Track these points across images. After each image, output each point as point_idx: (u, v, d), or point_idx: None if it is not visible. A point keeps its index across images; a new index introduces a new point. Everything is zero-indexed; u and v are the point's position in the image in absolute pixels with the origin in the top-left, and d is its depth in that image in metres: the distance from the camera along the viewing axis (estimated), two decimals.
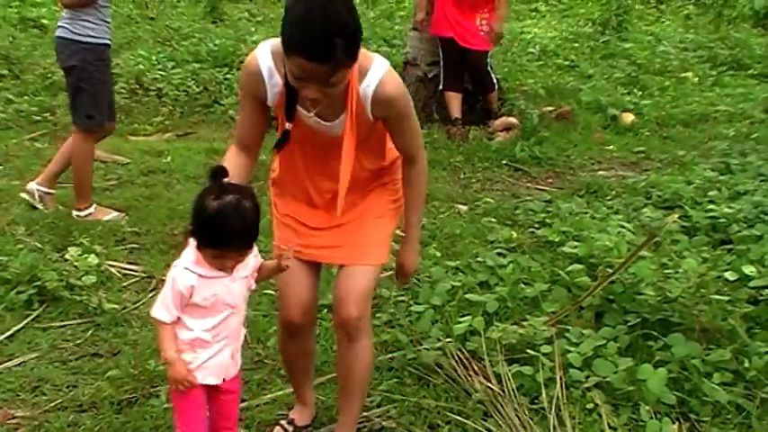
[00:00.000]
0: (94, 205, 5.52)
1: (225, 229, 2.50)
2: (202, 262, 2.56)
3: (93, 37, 5.22)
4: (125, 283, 4.61)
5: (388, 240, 3.09)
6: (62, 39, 5.25)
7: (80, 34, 5.19)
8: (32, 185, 5.55)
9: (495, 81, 7.84)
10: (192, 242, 2.56)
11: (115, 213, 5.52)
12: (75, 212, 5.44)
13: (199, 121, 8.01)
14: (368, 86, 2.65)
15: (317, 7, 2.40)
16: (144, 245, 5.14)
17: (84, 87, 5.27)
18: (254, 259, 2.69)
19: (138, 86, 8.22)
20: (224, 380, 2.70)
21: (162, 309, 2.57)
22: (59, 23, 5.29)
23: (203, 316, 2.61)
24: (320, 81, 2.47)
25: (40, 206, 5.50)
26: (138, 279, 4.68)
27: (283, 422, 3.24)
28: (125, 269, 4.77)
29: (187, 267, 2.56)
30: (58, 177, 5.61)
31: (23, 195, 5.56)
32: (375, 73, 2.65)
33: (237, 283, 2.63)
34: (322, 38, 2.38)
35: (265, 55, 2.70)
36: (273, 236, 3.03)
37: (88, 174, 5.46)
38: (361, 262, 2.96)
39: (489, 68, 7.74)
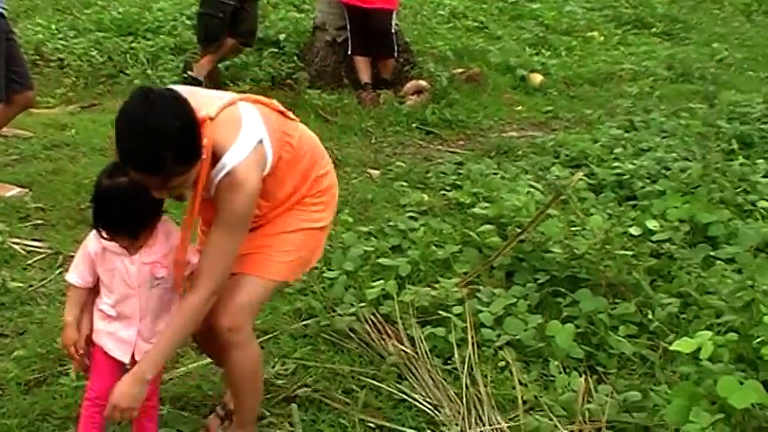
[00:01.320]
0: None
1: (106, 210, 2.50)
2: None
3: None
4: (30, 261, 4.48)
5: (289, 257, 2.86)
6: None
7: None
8: None
9: (395, 48, 7.73)
10: None
11: (17, 189, 5.35)
12: None
13: (104, 92, 7.77)
14: (219, 171, 2.54)
15: (139, 119, 2.37)
16: (49, 221, 5.00)
17: None
18: (163, 247, 2.64)
19: (38, 57, 7.92)
20: (133, 359, 2.67)
21: (73, 271, 2.63)
22: None
23: (107, 289, 2.62)
24: (157, 187, 2.45)
25: None
26: (43, 256, 4.56)
27: (218, 407, 3.13)
28: (30, 246, 4.64)
29: (97, 234, 2.56)
30: None
31: None
32: (230, 159, 2.53)
33: (136, 266, 2.59)
34: (148, 152, 2.35)
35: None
36: None
37: None
38: (248, 272, 2.78)
39: (393, 32, 7.66)
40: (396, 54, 7.78)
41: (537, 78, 8.42)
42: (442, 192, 5.45)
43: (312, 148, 2.96)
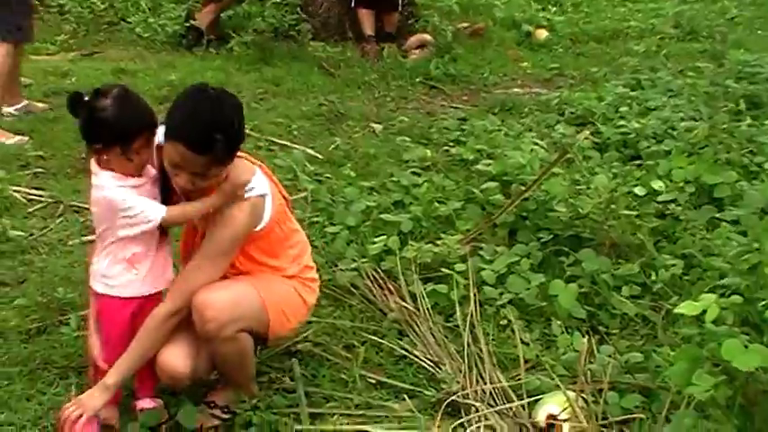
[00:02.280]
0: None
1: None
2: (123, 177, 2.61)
3: None
4: (30, 209, 4.47)
5: (284, 298, 2.86)
6: None
7: None
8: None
9: (398, 1, 7.65)
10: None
11: (18, 137, 5.31)
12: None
13: (105, 40, 7.71)
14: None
15: (206, 102, 2.58)
16: (49, 169, 4.99)
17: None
18: None
19: (38, 3, 7.77)
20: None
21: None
22: None
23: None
24: (194, 171, 2.54)
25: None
26: (44, 205, 4.54)
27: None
28: (30, 195, 4.63)
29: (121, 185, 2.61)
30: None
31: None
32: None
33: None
34: (205, 130, 2.51)
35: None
36: None
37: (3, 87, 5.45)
38: (248, 282, 2.80)
39: None
40: (399, 8, 7.69)
41: (542, 34, 8.34)
42: (445, 148, 5.40)
43: (305, 243, 3.05)
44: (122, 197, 2.60)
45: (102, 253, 2.72)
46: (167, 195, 2.73)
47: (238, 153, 2.71)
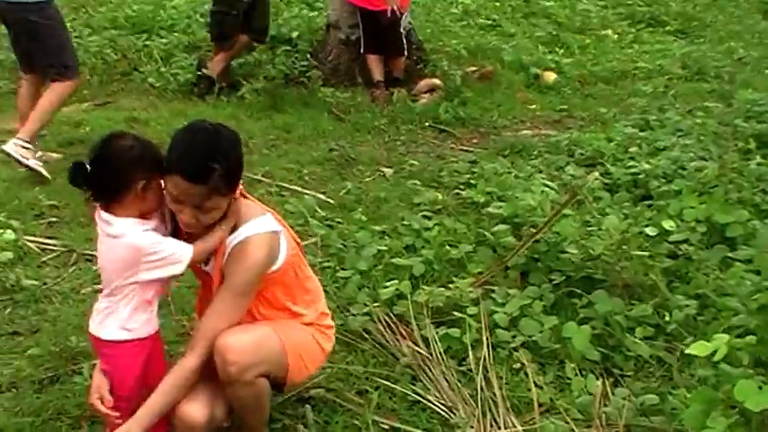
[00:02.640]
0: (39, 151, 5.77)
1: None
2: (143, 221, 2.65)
3: None
4: (44, 259, 4.51)
5: (303, 345, 2.89)
6: (16, 3, 5.43)
7: None
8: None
9: (405, 47, 7.70)
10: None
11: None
12: (13, 141, 5.51)
13: (118, 90, 7.79)
14: (233, 240, 2.71)
15: (203, 134, 2.62)
16: (63, 218, 5.03)
17: (53, 42, 5.55)
18: None
19: None
20: None
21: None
22: None
23: None
24: (195, 203, 2.57)
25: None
26: (57, 254, 4.57)
27: None
28: (44, 244, 4.66)
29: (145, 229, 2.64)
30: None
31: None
32: (245, 231, 2.71)
33: None
34: (202, 159, 2.54)
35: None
36: None
37: (49, 119, 5.80)
38: (270, 326, 2.83)
39: (402, 31, 7.61)
40: (405, 53, 7.76)
41: (550, 76, 8.38)
42: (456, 191, 5.41)
43: (319, 289, 3.10)
44: (150, 241, 2.61)
45: (120, 303, 2.70)
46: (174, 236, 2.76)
47: (249, 198, 2.74)
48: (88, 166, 2.60)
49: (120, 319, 2.71)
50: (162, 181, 2.66)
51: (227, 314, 2.70)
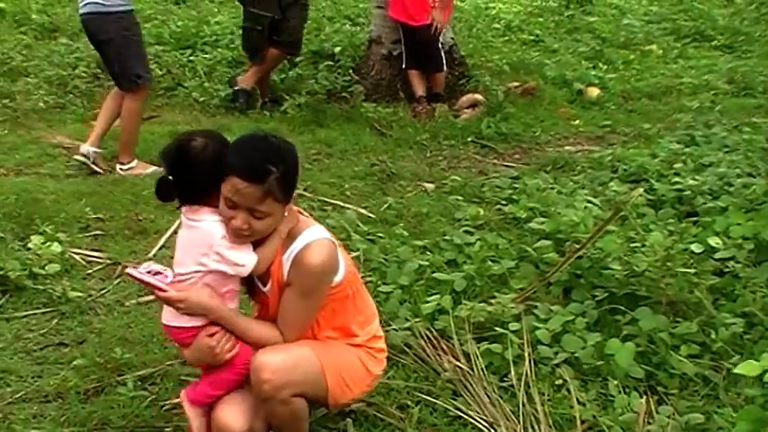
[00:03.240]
0: (136, 160, 6.08)
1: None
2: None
3: (124, 5, 5.86)
4: (89, 271, 4.57)
5: (346, 366, 2.88)
6: (96, 14, 5.79)
7: (113, 5, 5.78)
8: (86, 148, 6.05)
9: (443, 62, 7.71)
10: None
11: (153, 168, 5.88)
12: (118, 167, 6.05)
13: (162, 105, 7.89)
14: (292, 251, 2.73)
15: (261, 141, 2.71)
16: (108, 231, 5.08)
17: (127, 52, 5.86)
18: None
19: (99, 71, 8.04)
20: None
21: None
22: (86, 1, 5.79)
23: None
24: (249, 206, 2.59)
25: (95, 167, 6.05)
26: (102, 266, 4.63)
27: None
28: (89, 256, 4.72)
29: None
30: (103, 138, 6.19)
31: (78, 158, 6.05)
32: (304, 238, 2.72)
33: None
34: (259, 161, 2.60)
35: None
36: None
37: (137, 130, 6.15)
38: (309, 347, 2.82)
39: (439, 47, 7.63)
40: (444, 68, 7.77)
41: (594, 92, 8.34)
42: (498, 206, 5.39)
43: (374, 311, 3.09)
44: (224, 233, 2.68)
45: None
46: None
47: (302, 213, 2.78)
48: (170, 177, 2.66)
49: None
50: None
51: (298, 319, 2.76)
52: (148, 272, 2.77)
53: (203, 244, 2.67)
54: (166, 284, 2.71)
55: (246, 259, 2.68)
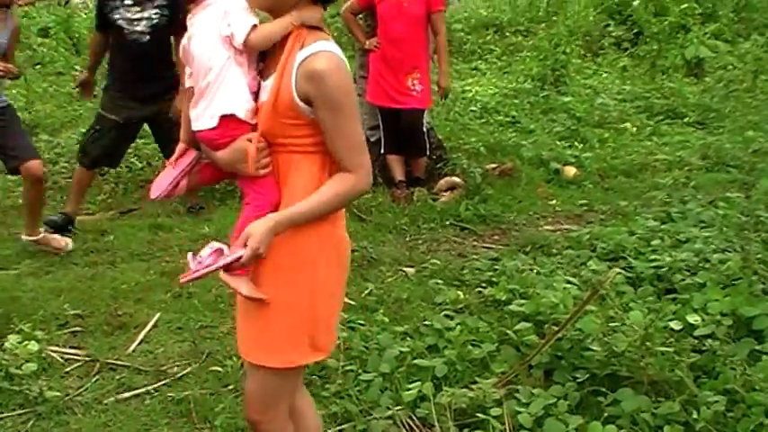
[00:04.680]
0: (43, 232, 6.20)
1: None
2: None
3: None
4: (67, 369, 4.51)
5: (290, 336, 2.65)
6: None
7: None
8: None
9: (427, 147, 7.82)
10: None
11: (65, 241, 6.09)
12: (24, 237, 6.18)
13: (142, 197, 7.91)
14: (302, 55, 2.53)
15: None
16: (87, 327, 5.04)
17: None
18: None
19: None
20: None
21: None
22: None
23: None
24: None
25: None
26: (81, 363, 4.58)
27: None
28: (67, 354, 4.67)
29: None
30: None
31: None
32: (315, 47, 2.52)
33: None
34: None
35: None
36: None
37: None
38: (253, 361, 2.72)
39: (424, 131, 7.74)
40: (428, 153, 7.85)
41: (570, 171, 8.43)
42: (478, 289, 5.40)
43: None
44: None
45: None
46: None
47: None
48: None
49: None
50: None
51: (353, 139, 2.56)
52: (214, 252, 2.58)
53: (220, 15, 2.62)
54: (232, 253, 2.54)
55: (243, 21, 2.60)
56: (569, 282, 5.11)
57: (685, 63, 13.26)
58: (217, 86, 2.63)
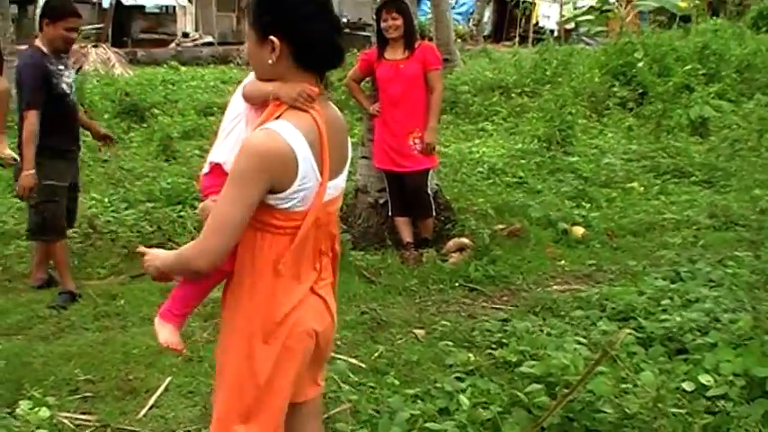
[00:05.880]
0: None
1: None
2: None
3: None
4: None
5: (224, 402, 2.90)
6: None
7: None
8: None
9: (433, 207, 7.85)
10: None
11: None
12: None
13: None
14: (260, 127, 2.70)
15: None
16: (98, 392, 5.04)
17: None
18: None
19: (91, 230, 8.17)
20: None
21: None
22: None
23: None
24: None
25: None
26: (92, 429, 4.58)
27: None
28: (78, 419, 4.67)
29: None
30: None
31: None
32: (270, 123, 2.65)
33: None
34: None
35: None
36: None
37: None
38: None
39: (428, 192, 7.80)
40: (433, 213, 7.89)
41: (578, 231, 8.45)
42: (488, 350, 5.39)
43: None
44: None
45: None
46: None
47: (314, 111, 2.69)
48: None
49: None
50: None
51: (215, 210, 2.60)
52: None
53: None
54: None
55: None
56: (579, 342, 5.10)
57: (690, 122, 13.37)
58: (224, 136, 2.74)
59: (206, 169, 2.83)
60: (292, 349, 2.78)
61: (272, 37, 2.61)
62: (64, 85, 6.37)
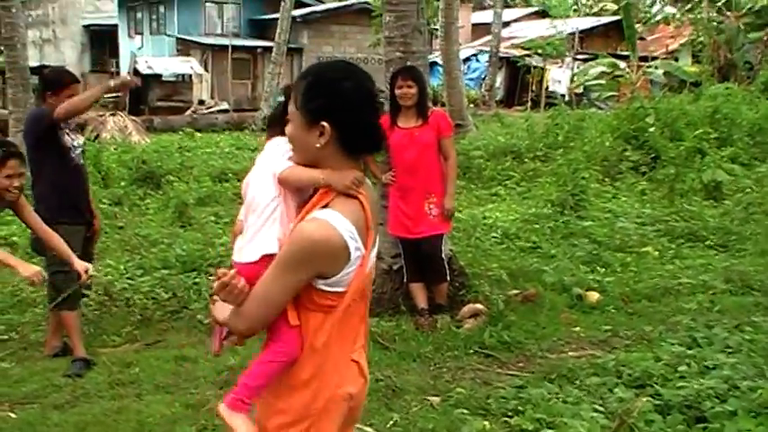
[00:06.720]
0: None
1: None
2: None
3: None
4: None
5: None
6: None
7: None
8: None
9: (447, 273, 7.85)
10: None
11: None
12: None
13: (168, 328, 7.95)
14: (311, 214, 2.75)
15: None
16: None
17: None
18: None
19: (106, 297, 8.21)
20: None
21: None
22: None
23: None
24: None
25: None
26: None
27: None
28: None
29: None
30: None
31: None
32: (320, 213, 2.71)
33: None
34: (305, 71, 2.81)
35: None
36: None
37: None
38: None
39: (443, 258, 7.80)
40: (447, 278, 7.89)
41: (593, 296, 8.42)
42: (504, 418, 5.35)
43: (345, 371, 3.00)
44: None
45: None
46: None
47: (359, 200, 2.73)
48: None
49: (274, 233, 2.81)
50: None
51: (257, 291, 2.67)
52: None
53: (279, 153, 2.81)
54: None
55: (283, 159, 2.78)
56: (596, 410, 5.07)
57: (703, 186, 13.39)
58: (262, 222, 2.75)
59: (253, 258, 2.80)
60: (329, 411, 2.81)
61: (323, 122, 2.66)
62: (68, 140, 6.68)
